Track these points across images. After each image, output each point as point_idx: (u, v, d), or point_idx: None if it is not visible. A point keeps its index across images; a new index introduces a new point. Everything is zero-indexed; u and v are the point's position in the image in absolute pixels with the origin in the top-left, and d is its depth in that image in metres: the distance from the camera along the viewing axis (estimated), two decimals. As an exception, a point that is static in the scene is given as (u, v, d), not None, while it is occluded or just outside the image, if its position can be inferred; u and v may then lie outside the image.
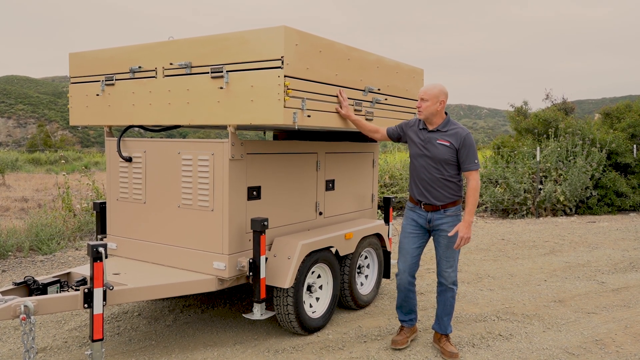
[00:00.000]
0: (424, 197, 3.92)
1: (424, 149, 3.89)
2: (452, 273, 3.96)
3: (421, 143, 3.91)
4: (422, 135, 3.92)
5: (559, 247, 8.10)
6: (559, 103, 19.31)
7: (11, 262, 6.79)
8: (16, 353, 3.93)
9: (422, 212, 3.96)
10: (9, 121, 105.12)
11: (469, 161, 3.80)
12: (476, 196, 3.78)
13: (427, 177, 3.89)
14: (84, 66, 4.60)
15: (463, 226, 3.77)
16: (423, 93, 3.84)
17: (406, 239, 4.04)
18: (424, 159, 3.90)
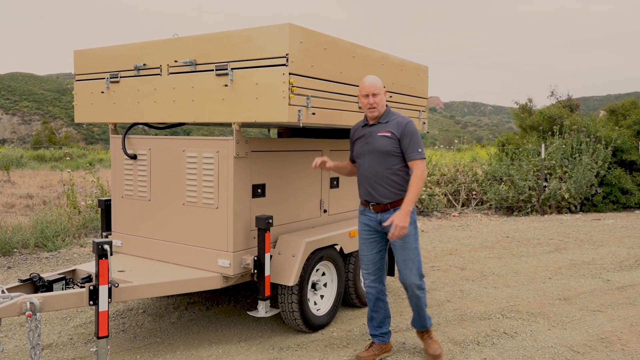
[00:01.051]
0: (371, 196, 3.67)
1: (366, 144, 3.67)
2: (412, 275, 3.65)
3: (363, 139, 3.70)
4: (364, 131, 3.71)
5: (564, 244, 8.07)
6: (564, 100, 19.23)
7: (16, 259, 6.82)
8: (22, 349, 3.95)
9: (371, 214, 3.70)
10: (14, 118, 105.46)
11: (412, 150, 3.55)
12: (419, 185, 3.49)
13: (371, 173, 3.66)
14: (88, 63, 4.60)
15: (399, 214, 3.44)
16: (373, 88, 3.57)
17: (364, 245, 3.79)
18: (367, 156, 3.67)
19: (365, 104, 3.61)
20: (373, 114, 3.62)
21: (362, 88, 3.60)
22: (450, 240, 8.39)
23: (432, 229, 9.49)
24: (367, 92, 3.58)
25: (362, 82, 3.63)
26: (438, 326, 4.50)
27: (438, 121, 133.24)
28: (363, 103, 3.63)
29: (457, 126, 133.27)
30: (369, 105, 3.59)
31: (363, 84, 3.61)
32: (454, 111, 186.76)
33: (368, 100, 3.59)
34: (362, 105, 3.67)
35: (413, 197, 3.48)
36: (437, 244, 8.12)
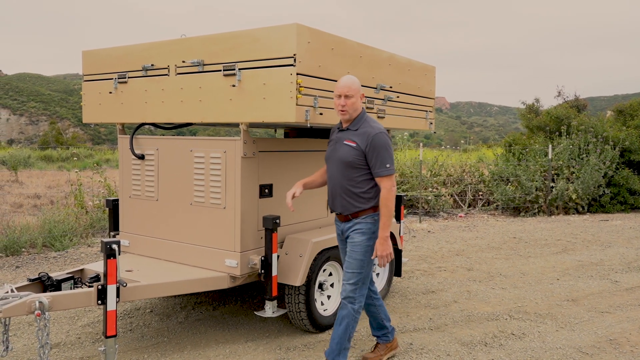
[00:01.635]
0: (332, 204, 3.50)
1: (333, 150, 3.45)
2: (349, 287, 3.38)
3: (332, 144, 3.49)
4: (334, 135, 3.52)
5: (571, 245, 8.03)
6: (571, 100, 19.15)
7: (25, 259, 6.85)
8: (30, 348, 3.97)
9: (338, 222, 3.56)
10: (21, 118, 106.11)
11: (379, 165, 3.28)
12: (389, 207, 3.26)
13: (334, 182, 3.44)
14: (97, 64, 4.62)
15: (378, 244, 3.29)
16: (347, 89, 3.30)
17: (342, 252, 3.64)
18: (331, 162, 3.46)
19: (337, 105, 3.36)
20: (344, 117, 3.39)
21: (337, 88, 3.36)
22: (456, 241, 8.37)
23: (438, 230, 9.47)
24: (339, 93, 3.33)
25: (338, 81, 3.39)
26: (445, 327, 4.49)
27: (444, 122, 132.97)
28: (335, 104, 3.39)
29: (463, 127, 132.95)
30: (340, 107, 3.34)
31: (338, 83, 3.37)
32: (460, 111, 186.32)
33: (340, 102, 3.33)
34: (334, 106, 3.46)
35: (387, 220, 3.28)
36: (444, 244, 8.11)
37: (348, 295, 3.39)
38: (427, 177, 12.13)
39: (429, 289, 5.59)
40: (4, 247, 6.99)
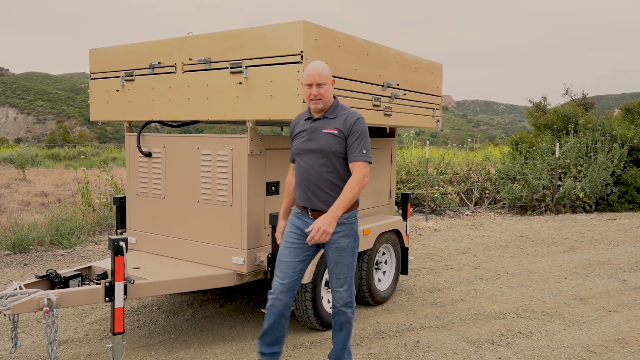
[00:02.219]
0: (310, 201, 3.19)
1: (309, 141, 3.18)
2: (345, 293, 3.26)
3: (305, 135, 3.21)
4: (306, 125, 3.22)
5: (578, 244, 7.99)
6: (578, 98, 19.04)
7: (32, 256, 6.89)
8: (39, 345, 3.99)
9: (309, 219, 3.21)
10: (29, 117, 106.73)
11: (357, 150, 3.10)
12: (355, 190, 3.04)
13: (313, 176, 3.17)
14: (104, 62, 4.64)
15: (325, 217, 2.98)
16: (318, 77, 3.08)
17: (287, 249, 3.23)
18: (309, 155, 3.18)
19: (308, 94, 3.13)
20: (317, 107, 3.14)
21: (306, 76, 3.12)
22: (463, 239, 8.34)
23: (444, 228, 9.44)
24: (310, 81, 3.10)
25: (306, 69, 3.15)
26: (452, 325, 4.47)
27: (450, 120, 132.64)
28: (306, 94, 3.15)
29: (469, 125, 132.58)
30: (312, 96, 3.11)
31: (307, 71, 3.12)
32: (466, 110, 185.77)
33: (311, 91, 3.10)
34: (304, 96, 3.20)
35: (345, 201, 3.02)
36: (450, 242, 8.08)
37: (346, 301, 3.27)
38: (433, 176, 12.10)
39: (436, 287, 5.58)
40: (12, 244, 7.03)
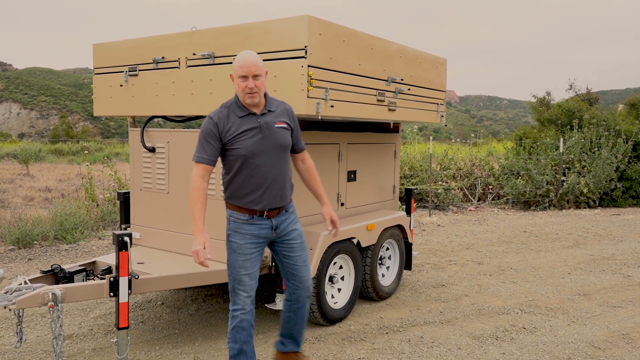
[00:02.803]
0: (269, 201, 3.03)
1: (265, 138, 2.99)
2: (311, 281, 3.31)
3: (256, 133, 2.97)
4: (254, 122, 2.99)
5: (582, 239, 7.97)
6: (582, 93, 18.95)
7: (37, 251, 6.91)
8: (44, 340, 4.01)
9: (264, 221, 3.06)
10: (32, 112, 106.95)
11: (301, 139, 3.22)
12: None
13: (275, 174, 3.03)
14: (107, 57, 4.63)
15: (331, 209, 3.20)
16: (254, 67, 2.87)
17: (248, 262, 3.04)
18: (269, 153, 3.00)
19: (243, 87, 2.91)
20: (254, 101, 2.94)
21: (241, 67, 2.88)
22: (466, 235, 8.33)
23: (448, 223, 9.43)
24: (245, 73, 2.88)
25: (237, 60, 2.92)
26: (456, 320, 4.47)
27: (453, 115, 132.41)
28: (240, 87, 2.92)
29: (473, 120, 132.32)
30: (249, 89, 2.90)
31: (239, 61, 2.90)
32: (469, 105, 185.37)
33: (247, 84, 2.89)
34: (237, 89, 2.96)
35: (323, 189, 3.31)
36: (454, 238, 8.08)
37: (311, 287, 3.30)
38: (436, 171, 12.08)
39: (439, 283, 5.57)
40: (17, 239, 7.06)
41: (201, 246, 2.86)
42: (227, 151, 3.00)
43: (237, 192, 3.03)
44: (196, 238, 2.89)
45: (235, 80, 2.95)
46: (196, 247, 2.86)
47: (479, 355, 3.81)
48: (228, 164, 3.04)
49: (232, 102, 3.03)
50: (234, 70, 2.94)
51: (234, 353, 3.10)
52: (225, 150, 3.01)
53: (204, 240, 2.88)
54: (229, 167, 3.04)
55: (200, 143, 2.98)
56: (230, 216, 3.09)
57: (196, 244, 2.87)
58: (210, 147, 2.96)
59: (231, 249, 3.06)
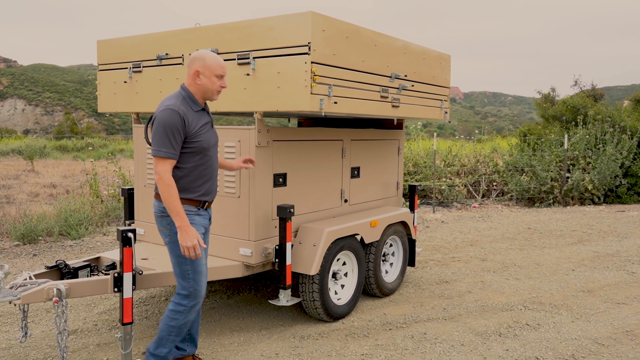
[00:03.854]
0: (215, 191, 3.24)
1: (213, 134, 3.20)
2: None
3: (209, 127, 3.16)
4: (207, 117, 3.17)
5: (587, 236, 7.95)
6: (587, 89, 18.86)
7: (41, 247, 6.95)
8: (48, 335, 4.03)
9: (206, 212, 3.20)
10: (37, 109, 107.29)
11: None
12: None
13: (216, 166, 3.24)
14: (111, 53, 4.64)
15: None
16: (224, 67, 3.10)
17: (204, 251, 3.14)
18: (214, 147, 3.20)
19: (218, 86, 3.08)
20: (216, 98, 3.15)
21: (221, 67, 3.05)
22: (470, 231, 8.32)
23: (452, 220, 9.42)
24: (223, 73, 3.08)
25: (214, 59, 3.04)
26: (459, 317, 4.47)
27: (457, 112, 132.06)
28: (215, 85, 3.06)
29: (477, 117, 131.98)
30: (221, 87, 3.11)
31: (219, 61, 3.05)
32: (474, 101, 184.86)
33: (221, 83, 3.09)
34: (209, 87, 3.06)
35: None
36: (458, 234, 8.07)
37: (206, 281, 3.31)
38: (440, 167, 12.06)
39: (443, 279, 5.57)
40: (22, 235, 7.09)
41: (195, 240, 2.93)
42: (188, 144, 3.00)
43: (192, 184, 3.07)
44: (188, 233, 2.92)
45: (210, 78, 3.03)
46: (193, 242, 2.92)
47: (482, 351, 3.81)
48: (185, 157, 3.02)
49: (186, 97, 3.05)
50: (211, 68, 3.02)
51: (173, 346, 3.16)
52: (184, 144, 3.00)
53: (196, 234, 2.95)
54: (185, 160, 3.02)
55: (167, 137, 2.92)
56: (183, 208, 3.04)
57: (191, 239, 2.92)
58: (177, 141, 2.95)
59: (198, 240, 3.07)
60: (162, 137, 2.92)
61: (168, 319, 3.13)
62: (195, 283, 3.09)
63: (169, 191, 2.91)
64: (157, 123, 2.94)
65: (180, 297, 3.12)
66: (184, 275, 3.08)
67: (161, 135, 2.92)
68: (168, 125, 2.92)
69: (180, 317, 3.12)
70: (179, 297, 3.12)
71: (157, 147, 2.92)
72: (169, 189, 2.91)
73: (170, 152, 2.93)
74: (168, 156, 2.92)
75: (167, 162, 2.94)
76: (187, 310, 3.12)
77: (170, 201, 2.91)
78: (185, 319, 3.13)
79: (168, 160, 2.94)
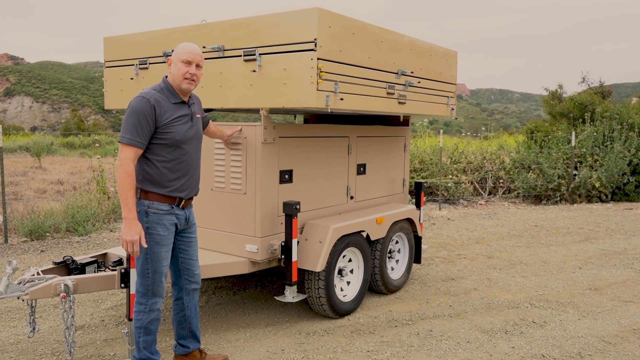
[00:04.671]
0: (191, 189, 3.13)
1: (192, 127, 3.08)
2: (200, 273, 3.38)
3: (185, 120, 3.04)
4: (182, 110, 3.04)
5: (594, 234, 7.91)
6: (595, 86, 18.72)
7: (49, 243, 6.99)
8: (56, 330, 4.06)
9: (180, 212, 3.09)
10: (44, 106, 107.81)
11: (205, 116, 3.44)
12: None
13: (196, 163, 3.15)
14: (118, 50, 4.65)
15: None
16: (199, 57, 3.00)
17: (169, 252, 3.08)
18: (194, 141, 3.10)
19: (184, 72, 2.96)
20: (189, 87, 3.00)
21: (188, 52, 2.97)
22: (476, 229, 8.30)
23: (458, 217, 9.40)
24: (191, 59, 2.97)
25: (183, 46, 3.00)
26: (465, 314, 4.47)
27: (464, 109, 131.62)
28: (181, 71, 2.96)
29: (484, 114, 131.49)
30: (189, 75, 2.97)
31: (187, 47, 2.98)
32: (480, 98, 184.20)
33: (188, 70, 2.96)
34: (175, 73, 2.98)
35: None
36: (464, 232, 8.05)
37: (200, 279, 3.35)
38: (447, 165, 12.03)
39: (449, 276, 5.56)
40: (29, 231, 7.14)
41: (137, 236, 2.83)
42: (159, 135, 2.93)
43: (164, 178, 2.98)
44: (132, 227, 2.81)
45: (176, 64, 2.96)
46: (133, 237, 2.81)
47: (488, 349, 3.80)
48: (157, 149, 2.95)
49: (164, 88, 3.00)
50: (177, 54, 2.97)
51: (147, 345, 3.11)
52: (155, 135, 2.92)
53: (140, 230, 2.85)
54: (157, 152, 2.95)
55: (134, 124, 2.84)
56: (149, 208, 2.97)
57: (132, 233, 2.81)
58: (145, 130, 2.87)
59: (154, 241, 2.98)
60: (128, 123, 2.85)
61: (133, 321, 3.11)
62: (152, 282, 3.03)
63: (124, 179, 2.81)
64: (128, 110, 2.90)
65: (139, 294, 3.07)
66: (143, 273, 3.03)
67: (127, 121, 2.86)
68: (135, 112, 2.85)
69: (143, 317, 3.06)
70: (138, 295, 3.08)
71: (122, 133, 2.86)
72: (126, 178, 2.81)
73: (133, 139, 2.84)
74: (131, 143, 2.83)
75: (129, 150, 2.84)
76: (147, 309, 3.06)
77: (122, 190, 2.81)
78: (147, 317, 3.06)
79: (131, 147, 2.84)
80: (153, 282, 3.03)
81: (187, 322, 3.35)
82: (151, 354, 3.15)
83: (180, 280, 3.28)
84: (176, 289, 3.31)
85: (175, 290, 3.31)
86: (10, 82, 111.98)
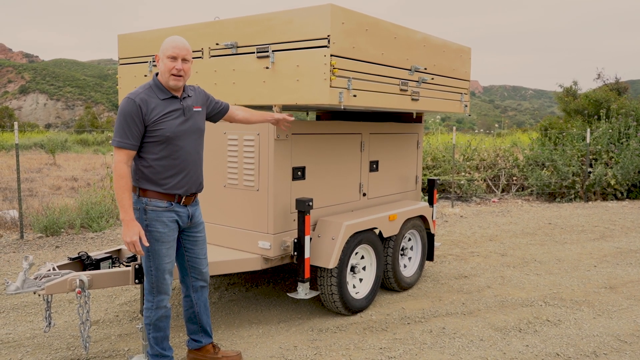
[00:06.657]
0: (190, 185, 3.08)
1: (186, 122, 3.02)
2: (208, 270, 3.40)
3: (177, 115, 2.98)
4: (177, 104, 3.00)
5: (609, 232, 7.82)
6: (611, 83, 18.49)
7: (64, 239, 7.06)
8: (71, 325, 4.10)
9: (182, 209, 3.07)
10: (58, 103, 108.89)
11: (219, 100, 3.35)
12: None
13: (195, 158, 3.09)
14: (132, 47, 4.67)
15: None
16: (185, 51, 2.95)
17: (171, 249, 3.08)
18: (190, 136, 3.05)
19: (170, 68, 2.91)
20: (177, 84, 2.95)
21: (172, 47, 2.92)
22: (490, 226, 8.25)
23: (471, 215, 9.35)
24: (176, 54, 2.92)
25: (168, 41, 2.95)
26: (478, 312, 4.44)
27: (477, 105, 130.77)
28: (167, 67, 2.91)
29: (497, 110, 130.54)
30: (175, 71, 2.92)
31: (172, 42, 2.93)
32: (493, 95, 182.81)
33: (175, 65, 2.91)
34: (162, 68, 2.95)
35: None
36: (477, 229, 8.00)
37: (208, 276, 3.38)
38: (459, 162, 11.96)
39: (462, 274, 5.53)
40: (44, 227, 7.22)
41: (137, 236, 2.85)
42: (149, 133, 2.91)
43: (158, 176, 2.97)
44: (130, 228, 2.84)
45: (162, 60, 2.94)
46: (133, 238, 2.84)
47: (502, 347, 3.78)
48: (149, 147, 2.94)
49: (152, 84, 2.97)
50: (163, 50, 2.94)
51: (158, 341, 3.15)
52: (145, 133, 2.92)
53: (139, 230, 2.87)
54: (149, 150, 2.94)
55: (122, 126, 2.85)
56: (147, 205, 2.98)
57: (132, 235, 2.84)
58: (134, 130, 2.86)
59: (154, 238, 2.98)
60: (117, 126, 2.87)
61: (143, 317, 3.16)
62: (156, 279, 3.05)
63: (118, 182, 2.83)
64: (118, 112, 2.91)
65: (147, 292, 3.12)
66: (147, 271, 3.07)
67: (116, 124, 2.88)
68: (122, 114, 2.86)
69: (151, 314, 3.10)
70: (146, 292, 3.13)
71: (113, 136, 2.89)
72: (119, 180, 2.83)
73: (122, 141, 2.84)
74: (121, 145, 2.84)
75: (121, 152, 2.85)
76: (154, 307, 3.09)
77: (118, 192, 2.84)
78: (155, 315, 3.09)
79: (123, 150, 2.85)
80: (157, 279, 3.06)
81: (197, 318, 3.38)
82: (163, 350, 3.18)
83: (187, 278, 3.30)
84: (184, 286, 3.34)
85: (184, 288, 3.35)
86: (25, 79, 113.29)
